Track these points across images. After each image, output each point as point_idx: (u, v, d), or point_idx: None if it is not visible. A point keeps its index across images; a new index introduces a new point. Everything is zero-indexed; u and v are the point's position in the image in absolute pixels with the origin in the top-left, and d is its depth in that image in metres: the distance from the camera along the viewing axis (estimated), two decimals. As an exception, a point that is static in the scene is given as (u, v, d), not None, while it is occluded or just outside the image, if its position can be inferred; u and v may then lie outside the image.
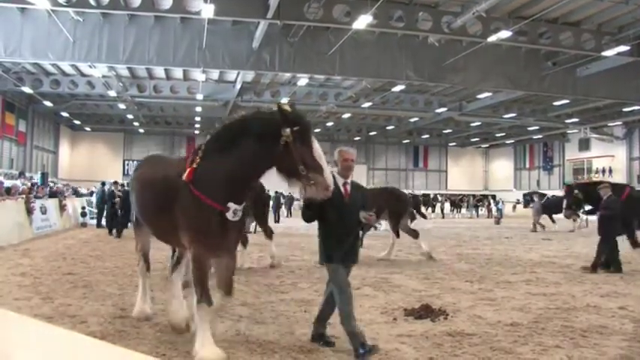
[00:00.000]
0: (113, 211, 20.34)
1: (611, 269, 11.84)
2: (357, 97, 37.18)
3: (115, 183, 22.32)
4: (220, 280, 5.55)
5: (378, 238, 19.19)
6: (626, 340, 6.32)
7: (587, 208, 14.23)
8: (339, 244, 5.67)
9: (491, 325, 6.93)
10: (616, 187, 12.62)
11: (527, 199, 39.45)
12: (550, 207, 27.01)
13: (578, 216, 16.74)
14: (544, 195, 30.01)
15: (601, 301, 8.55)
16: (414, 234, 14.25)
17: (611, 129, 46.04)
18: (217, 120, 46.44)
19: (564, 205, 14.89)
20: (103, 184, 23.77)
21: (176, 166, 5.80)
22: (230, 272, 5.62)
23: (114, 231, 19.73)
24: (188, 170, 5.34)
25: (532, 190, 37.58)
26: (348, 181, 5.87)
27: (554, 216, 26.80)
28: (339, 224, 5.69)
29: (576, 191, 13.32)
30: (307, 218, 5.87)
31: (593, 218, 15.79)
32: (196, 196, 5.23)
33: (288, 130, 4.95)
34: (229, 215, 5.23)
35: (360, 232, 7.05)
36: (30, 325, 1.91)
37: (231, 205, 5.22)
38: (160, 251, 10.14)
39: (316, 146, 5.07)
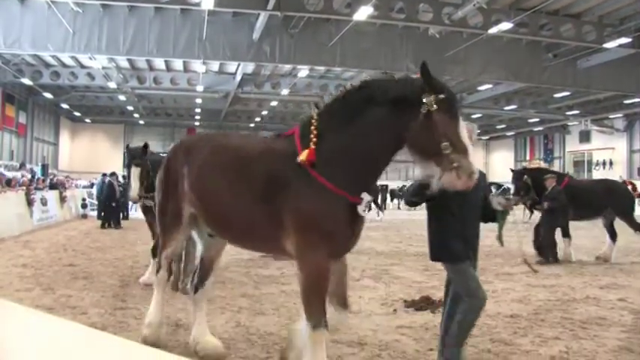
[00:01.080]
0: (110, 203, 20.24)
1: (550, 259, 11.76)
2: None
3: (113, 174, 22.28)
4: (336, 293, 4.46)
5: (377, 230, 19.19)
6: (626, 332, 6.34)
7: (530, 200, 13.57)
8: (467, 238, 4.73)
9: (490, 316, 6.95)
10: (557, 177, 12.53)
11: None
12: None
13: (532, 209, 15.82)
14: (500, 185, 29.11)
15: (600, 293, 8.58)
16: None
17: (612, 121, 45.93)
18: (217, 112, 46.58)
19: (512, 191, 14.00)
20: (104, 175, 23.78)
21: (269, 147, 4.65)
22: (345, 280, 4.60)
23: (110, 223, 19.71)
24: (308, 151, 4.17)
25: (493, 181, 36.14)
26: None
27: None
28: (465, 213, 4.71)
29: (526, 177, 12.93)
30: (418, 200, 4.79)
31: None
32: (321, 185, 4.10)
33: (432, 97, 3.96)
34: (361, 209, 4.19)
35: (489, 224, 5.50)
36: (31, 316, 1.91)
37: (365, 196, 4.19)
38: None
39: (462, 123, 4.06)
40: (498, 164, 65.26)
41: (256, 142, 5.09)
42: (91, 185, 31.21)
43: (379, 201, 26.94)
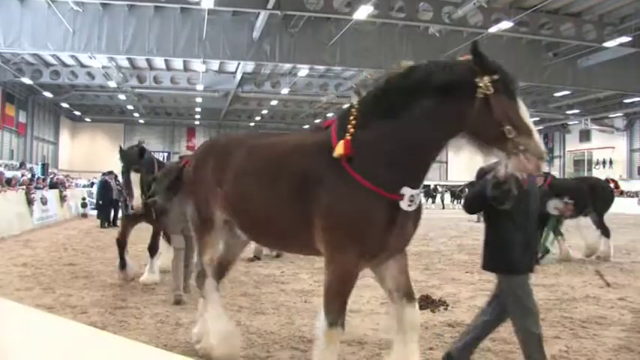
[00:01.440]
0: (104, 202, 20.10)
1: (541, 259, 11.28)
2: (357, 87, 37.10)
3: (110, 173, 22.20)
4: (399, 286, 4.23)
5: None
6: (625, 331, 6.34)
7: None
8: (526, 247, 4.41)
9: (490, 315, 6.94)
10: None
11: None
12: None
13: None
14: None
15: (600, 292, 8.57)
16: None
17: (612, 120, 45.95)
18: (217, 111, 46.58)
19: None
20: (104, 174, 23.73)
21: (303, 142, 4.38)
22: (407, 275, 4.30)
23: (108, 222, 19.68)
24: (342, 143, 3.87)
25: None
26: None
27: None
28: (527, 221, 4.41)
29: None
30: (479, 206, 4.48)
31: None
32: (355, 180, 3.83)
33: (486, 78, 3.63)
34: (404, 205, 3.87)
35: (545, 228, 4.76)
36: (31, 316, 1.92)
37: (406, 191, 3.85)
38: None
39: (521, 103, 3.74)
40: (498, 163, 65.26)
41: (291, 138, 4.77)
42: (91, 184, 31.20)
43: None
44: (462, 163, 67.07)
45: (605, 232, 12.32)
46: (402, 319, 4.16)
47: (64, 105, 45.34)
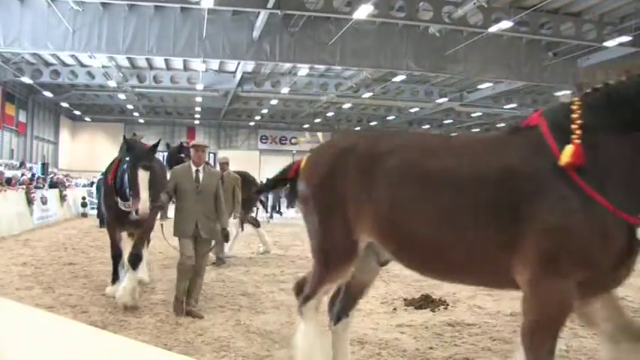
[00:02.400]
0: (99, 201, 20.09)
1: None
2: (357, 87, 37.06)
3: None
4: (620, 323, 3.59)
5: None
6: (625, 330, 6.33)
7: None
8: None
9: (491, 315, 6.96)
10: None
11: None
12: None
13: None
14: None
15: (600, 292, 8.57)
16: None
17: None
18: (217, 110, 46.56)
19: None
20: (104, 173, 23.71)
21: (501, 145, 3.65)
22: (622, 309, 3.72)
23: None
24: (572, 148, 3.23)
25: None
26: None
27: None
28: None
29: None
30: None
31: None
32: (590, 197, 3.17)
33: None
34: None
35: None
36: (31, 315, 1.92)
37: None
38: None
39: None
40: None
41: (476, 140, 4.03)
42: (91, 184, 31.18)
43: None
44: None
45: None
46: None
47: (64, 104, 45.29)
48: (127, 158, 7.14)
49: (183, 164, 7.62)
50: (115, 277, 7.97)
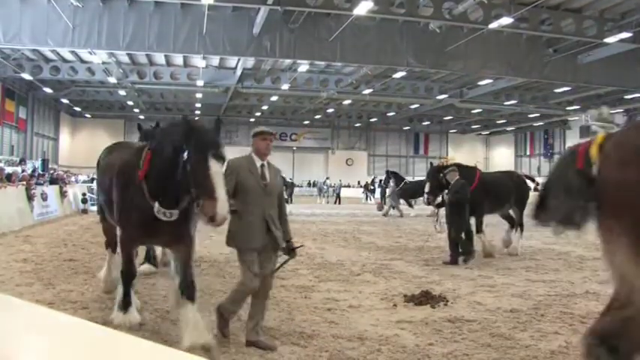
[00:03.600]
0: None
1: (465, 258, 11.05)
2: (357, 83, 37.09)
3: None
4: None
5: (377, 225, 19.16)
6: (625, 327, 6.34)
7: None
8: None
9: (490, 311, 6.96)
10: (464, 171, 11.99)
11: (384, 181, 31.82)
12: (409, 192, 25.81)
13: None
14: (402, 178, 28.10)
15: (600, 288, 8.58)
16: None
17: (613, 116, 45.91)
18: (217, 106, 46.54)
19: (426, 189, 12.53)
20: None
21: None
22: None
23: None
24: None
25: (391, 170, 31.80)
26: None
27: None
28: None
29: (441, 175, 11.96)
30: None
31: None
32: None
33: None
34: None
35: None
36: (32, 311, 1.92)
37: None
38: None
39: None
40: (498, 159, 65.34)
41: None
42: (91, 180, 31.18)
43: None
44: (461, 159, 67.20)
45: (512, 222, 12.83)
46: None
47: (64, 101, 45.32)
48: (187, 145, 4.92)
49: (243, 156, 5.84)
50: (127, 302, 5.96)
